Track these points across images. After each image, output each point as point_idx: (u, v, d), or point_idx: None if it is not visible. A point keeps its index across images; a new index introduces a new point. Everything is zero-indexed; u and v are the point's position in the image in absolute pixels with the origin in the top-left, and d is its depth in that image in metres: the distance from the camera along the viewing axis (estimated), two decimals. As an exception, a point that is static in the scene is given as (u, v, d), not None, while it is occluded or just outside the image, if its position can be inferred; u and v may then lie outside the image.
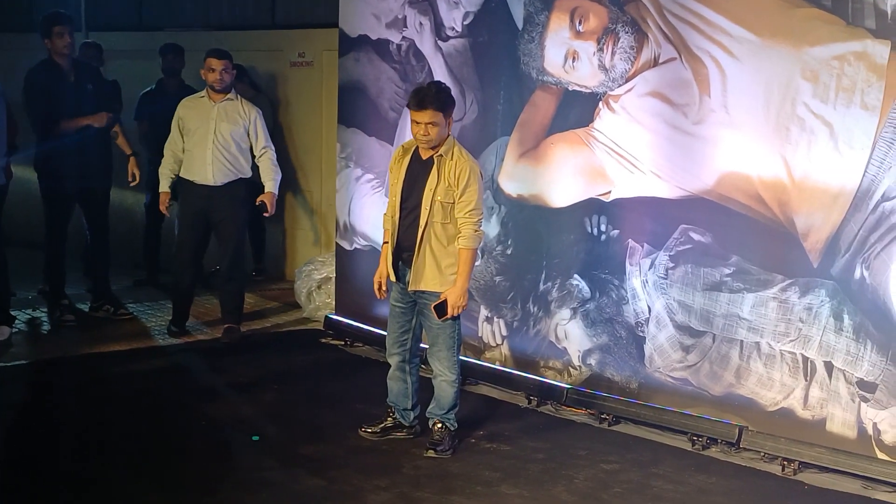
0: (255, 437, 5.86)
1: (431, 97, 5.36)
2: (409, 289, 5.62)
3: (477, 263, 6.36)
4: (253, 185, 7.92)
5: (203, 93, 7.81)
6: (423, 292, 5.59)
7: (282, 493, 5.11)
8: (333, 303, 8.45)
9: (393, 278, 5.70)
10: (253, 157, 7.83)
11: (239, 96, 7.90)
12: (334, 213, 8.52)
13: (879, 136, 5.25)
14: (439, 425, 5.75)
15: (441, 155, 5.46)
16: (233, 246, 7.88)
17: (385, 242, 5.76)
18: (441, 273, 5.54)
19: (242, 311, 8.19)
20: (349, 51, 8.04)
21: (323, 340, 8.19)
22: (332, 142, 8.99)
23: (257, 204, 7.79)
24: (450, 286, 5.52)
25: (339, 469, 5.43)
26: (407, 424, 5.91)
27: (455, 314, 5.56)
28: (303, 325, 8.63)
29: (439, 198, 5.46)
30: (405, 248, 5.61)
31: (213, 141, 7.65)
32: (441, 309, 5.51)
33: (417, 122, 5.39)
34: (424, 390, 5.98)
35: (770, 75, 5.61)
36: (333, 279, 8.51)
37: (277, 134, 9.91)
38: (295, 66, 9.95)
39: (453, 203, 5.46)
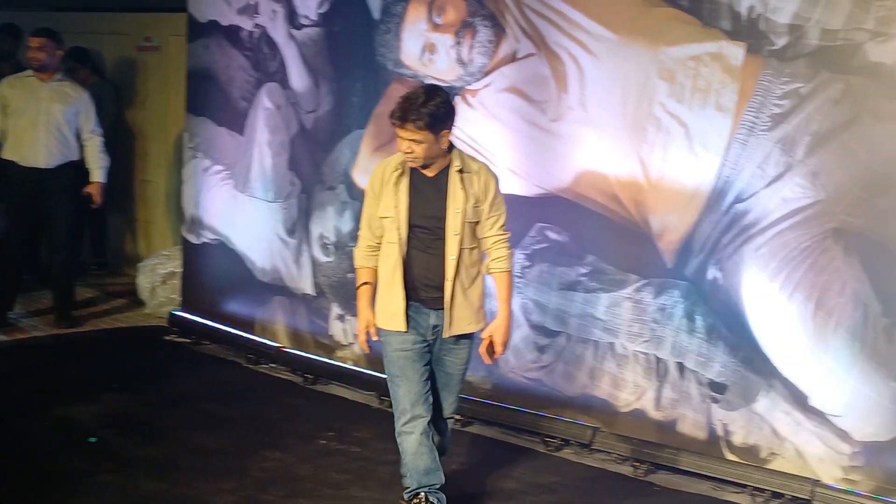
0: (93, 439, 5.63)
1: (414, 110, 4.31)
2: (444, 335, 4.55)
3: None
4: (87, 171, 7.71)
5: (30, 72, 7.62)
6: (461, 336, 4.61)
7: (119, 496, 4.91)
8: (179, 299, 8.19)
9: (402, 327, 4.52)
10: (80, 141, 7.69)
11: (69, 78, 7.77)
12: (181, 206, 8.24)
13: (733, 138, 5.28)
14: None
15: (461, 169, 4.48)
16: (64, 231, 7.71)
17: (365, 283, 4.62)
18: (476, 310, 4.61)
19: (74, 299, 8.01)
20: (198, 36, 7.79)
21: (167, 338, 7.94)
22: (179, 131, 8.72)
23: (83, 193, 7.60)
24: (481, 322, 4.63)
25: (180, 472, 5.24)
26: None
27: (503, 352, 4.66)
28: (146, 321, 8.34)
29: (468, 219, 4.49)
30: (426, 286, 4.51)
31: (43, 122, 7.47)
32: (489, 350, 4.60)
33: (400, 137, 4.40)
34: None
35: (627, 74, 5.60)
36: (179, 274, 8.25)
37: (121, 121, 9.59)
38: (141, 50, 9.60)
39: (478, 222, 4.54)
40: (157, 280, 8.46)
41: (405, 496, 4.64)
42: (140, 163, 9.69)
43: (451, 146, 4.48)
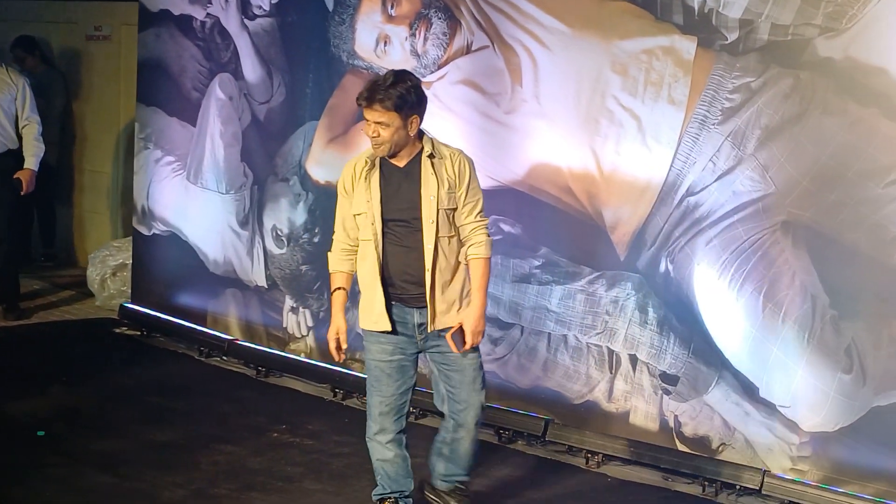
0: (41, 433, 5.57)
1: (382, 91, 4.17)
2: (429, 330, 4.36)
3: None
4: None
5: None
6: (442, 330, 4.38)
7: (67, 490, 4.86)
8: (129, 291, 8.11)
9: (387, 327, 4.36)
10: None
11: (4, 64, 7.67)
12: (131, 197, 8.16)
13: (685, 132, 5.32)
14: (462, 486, 4.69)
15: (432, 155, 4.34)
16: (4, 221, 7.62)
17: (339, 289, 4.47)
18: (458, 301, 4.40)
19: (19, 290, 7.95)
20: (150, 26, 7.72)
21: (117, 330, 7.87)
22: (129, 121, 8.63)
23: (13, 179, 7.51)
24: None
25: (131, 465, 5.19)
26: None
27: (477, 341, 4.38)
28: (96, 313, 8.26)
29: (444, 206, 4.32)
30: (406, 282, 4.34)
31: None
32: (457, 339, 4.34)
33: (367, 120, 4.25)
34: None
35: (581, 67, 5.62)
36: (130, 266, 8.17)
37: (70, 111, 9.48)
38: (91, 39, 9.49)
39: (455, 209, 4.36)
40: (107, 272, 8.37)
41: (374, 497, 4.60)
42: (90, 153, 9.59)
43: (422, 134, 4.37)
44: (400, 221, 4.32)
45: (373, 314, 4.36)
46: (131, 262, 8.15)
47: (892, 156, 4.78)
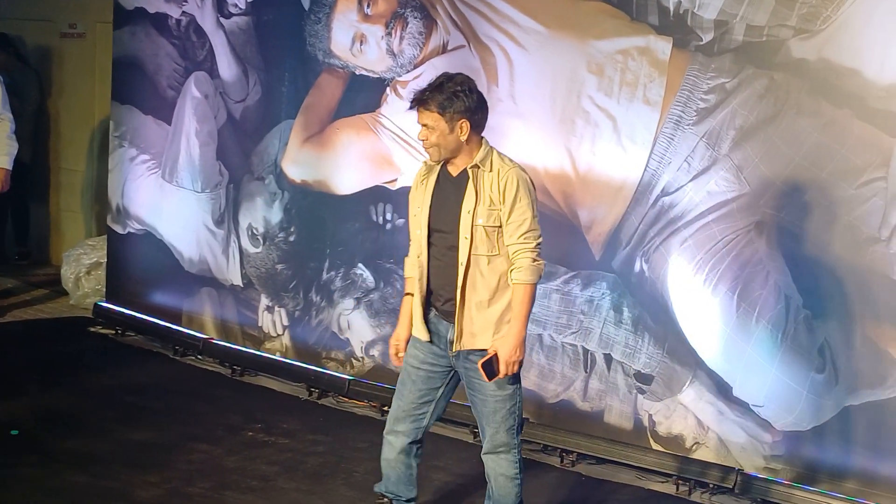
0: (15, 432, 5.51)
1: (428, 92, 4.03)
2: (453, 350, 4.14)
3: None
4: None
5: None
6: (472, 353, 4.11)
7: (41, 489, 4.80)
8: (104, 289, 8.07)
9: (424, 336, 4.20)
10: None
11: None
12: (106, 195, 8.12)
13: (660, 132, 5.35)
14: None
15: (476, 165, 4.07)
16: None
17: (408, 294, 4.29)
18: (495, 325, 4.08)
19: None
20: (125, 24, 7.69)
21: (92, 329, 7.82)
22: (104, 119, 8.59)
23: None
24: None
25: (105, 464, 5.16)
26: None
27: (510, 372, 4.04)
28: (70, 312, 8.21)
29: (481, 221, 4.04)
30: (440, 295, 4.16)
31: None
32: (489, 368, 4.01)
33: (419, 122, 4.10)
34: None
35: (556, 67, 5.64)
36: (104, 264, 8.13)
37: (45, 109, 9.43)
38: (66, 37, 9.44)
39: (500, 227, 4.06)
40: (82, 270, 8.33)
41: (374, 488, 4.52)
42: (64, 151, 9.54)
43: (483, 143, 4.12)
44: (443, 233, 4.13)
45: (414, 320, 4.24)
46: (106, 260, 8.11)
47: (864, 157, 4.82)
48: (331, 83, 6.57)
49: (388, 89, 6.30)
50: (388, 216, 6.35)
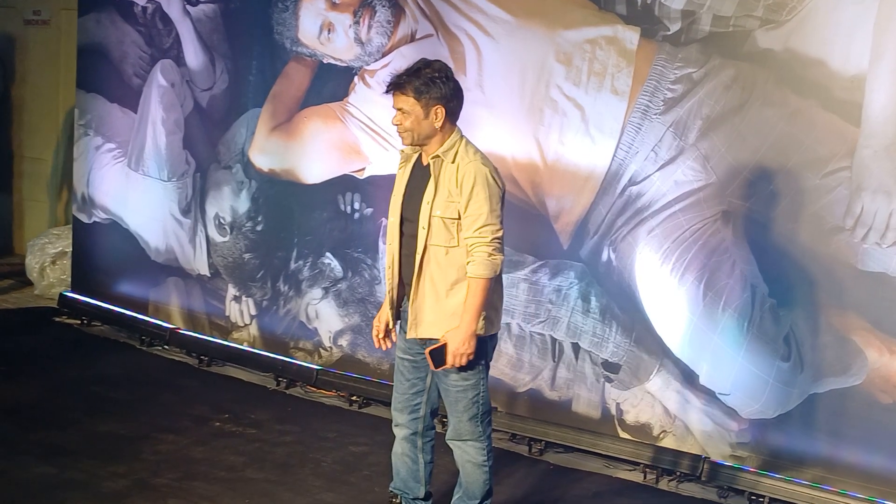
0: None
1: (404, 77, 4.01)
2: (407, 336, 4.20)
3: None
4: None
5: None
6: (428, 341, 4.12)
7: (7, 482, 4.76)
8: (69, 279, 8.01)
9: (389, 320, 4.30)
10: None
11: None
12: (71, 184, 8.06)
13: (628, 121, 5.36)
14: None
15: (437, 156, 4.06)
16: None
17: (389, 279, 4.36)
18: (450, 316, 4.05)
19: None
20: (89, 11, 7.62)
21: (57, 319, 7.77)
22: (69, 107, 8.51)
23: None
24: None
25: (71, 456, 5.12)
26: None
27: (457, 364, 4.01)
28: (35, 302, 8.15)
29: (438, 213, 4.04)
30: (406, 282, 4.19)
31: None
32: (438, 356, 4.02)
33: (394, 107, 4.08)
34: (447, 472, 4.90)
35: (525, 56, 5.64)
36: (69, 254, 8.07)
37: (8, 97, 9.33)
38: (29, 24, 9.34)
39: (459, 220, 4.04)
40: (47, 260, 8.27)
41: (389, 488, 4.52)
42: (28, 140, 9.46)
43: (455, 132, 4.09)
44: (410, 221, 4.14)
45: (388, 307, 4.28)
46: (71, 250, 8.05)
47: (830, 146, 4.86)
48: (298, 72, 6.54)
49: (355, 78, 6.27)
50: (356, 205, 6.33)
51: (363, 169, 6.30)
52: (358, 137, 6.29)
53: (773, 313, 5.03)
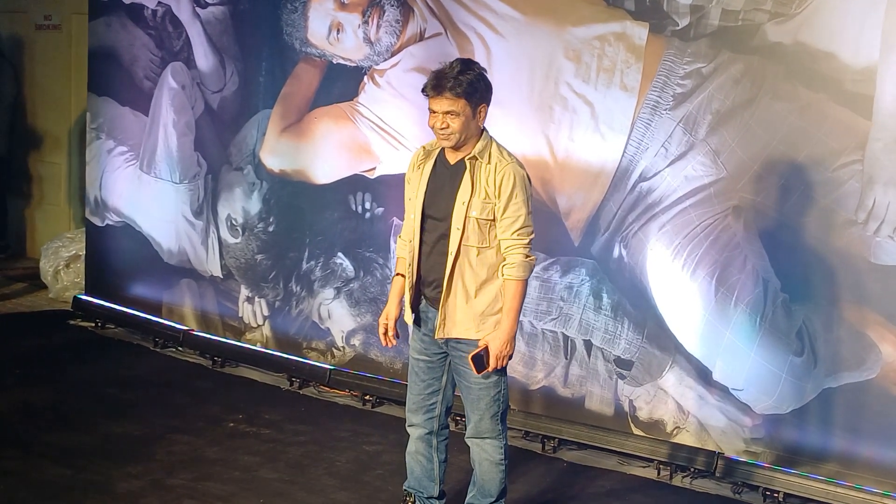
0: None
1: (451, 78, 3.95)
2: (436, 336, 4.16)
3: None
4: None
5: None
6: (458, 342, 4.13)
7: (22, 483, 4.78)
8: (83, 282, 8.03)
9: (409, 319, 4.27)
10: None
11: None
12: (84, 187, 8.08)
13: (637, 117, 5.35)
14: None
15: (475, 157, 4.06)
16: None
17: (398, 274, 4.33)
18: (479, 316, 4.09)
19: None
20: (100, 15, 7.64)
21: (72, 322, 7.78)
22: (81, 111, 8.54)
23: None
24: (490, 332, 4.10)
25: (86, 457, 5.13)
26: None
27: (499, 366, 4.10)
28: (49, 306, 8.18)
29: (474, 214, 4.04)
30: (429, 282, 4.17)
31: None
32: (479, 361, 4.05)
33: (434, 111, 4.01)
34: (460, 471, 4.95)
35: (534, 54, 5.63)
36: (83, 257, 8.09)
37: (21, 102, 9.36)
38: (41, 29, 9.38)
39: (493, 221, 4.05)
40: (61, 263, 8.30)
41: (404, 487, 4.53)
42: (41, 144, 9.48)
43: (485, 132, 4.11)
44: (436, 220, 4.12)
45: (406, 306, 4.27)
46: (84, 253, 8.08)
47: (841, 140, 4.84)
48: (308, 72, 6.55)
49: (365, 78, 6.28)
50: (367, 205, 6.34)
51: (374, 168, 6.30)
52: (368, 137, 6.30)
53: (785, 308, 5.01)
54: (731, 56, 5.08)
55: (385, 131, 6.21)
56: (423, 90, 4.04)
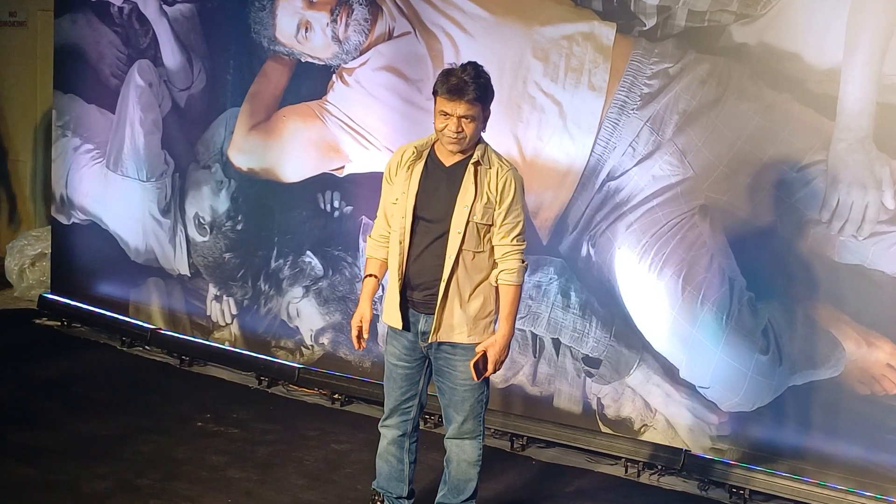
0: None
1: (470, 83, 3.89)
2: (429, 340, 4.11)
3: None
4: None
5: None
6: (450, 345, 4.12)
7: (-12, 485, 4.75)
8: (49, 281, 7.97)
9: (398, 324, 4.15)
10: None
11: None
12: (49, 185, 8.02)
13: (605, 117, 5.38)
14: None
15: (479, 162, 4.02)
16: None
17: (369, 276, 4.27)
18: (472, 320, 4.09)
19: None
20: (66, 11, 7.58)
21: (37, 321, 7.73)
22: (47, 108, 8.47)
23: None
24: (482, 336, 4.10)
25: (52, 457, 5.10)
26: None
27: (497, 371, 4.16)
28: (14, 304, 8.12)
29: (476, 218, 4.02)
30: (419, 285, 4.09)
31: None
32: (477, 366, 4.07)
33: (447, 115, 3.92)
34: (429, 470, 4.99)
35: (502, 53, 5.64)
36: (49, 255, 8.03)
37: (-15, 99, 9.29)
38: (6, 26, 9.29)
39: (489, 226, 4.05)
40: (26, 262, 8.23)
41: (372, 486, 4.52)
42: (6, 141, 9.39)
43: (479, 137, 4.08)
44: (429, 222, 4.06)
45: (389, 307, 4.17)
46: (50, 251, 8.01)
47: (805, 140, 4.88)
48: (276, 70, 6.53)
49: (334, 76, 6.27)
50: (336, 203, 6.33)
51: (342, 167, 6.30)
52: (337, 136, 6.29)
53: (751, 306, 5.06)
54: (697, 56, 5.12)
55: (354, 130, 6.20)
56: (434, 92, 3.97)
